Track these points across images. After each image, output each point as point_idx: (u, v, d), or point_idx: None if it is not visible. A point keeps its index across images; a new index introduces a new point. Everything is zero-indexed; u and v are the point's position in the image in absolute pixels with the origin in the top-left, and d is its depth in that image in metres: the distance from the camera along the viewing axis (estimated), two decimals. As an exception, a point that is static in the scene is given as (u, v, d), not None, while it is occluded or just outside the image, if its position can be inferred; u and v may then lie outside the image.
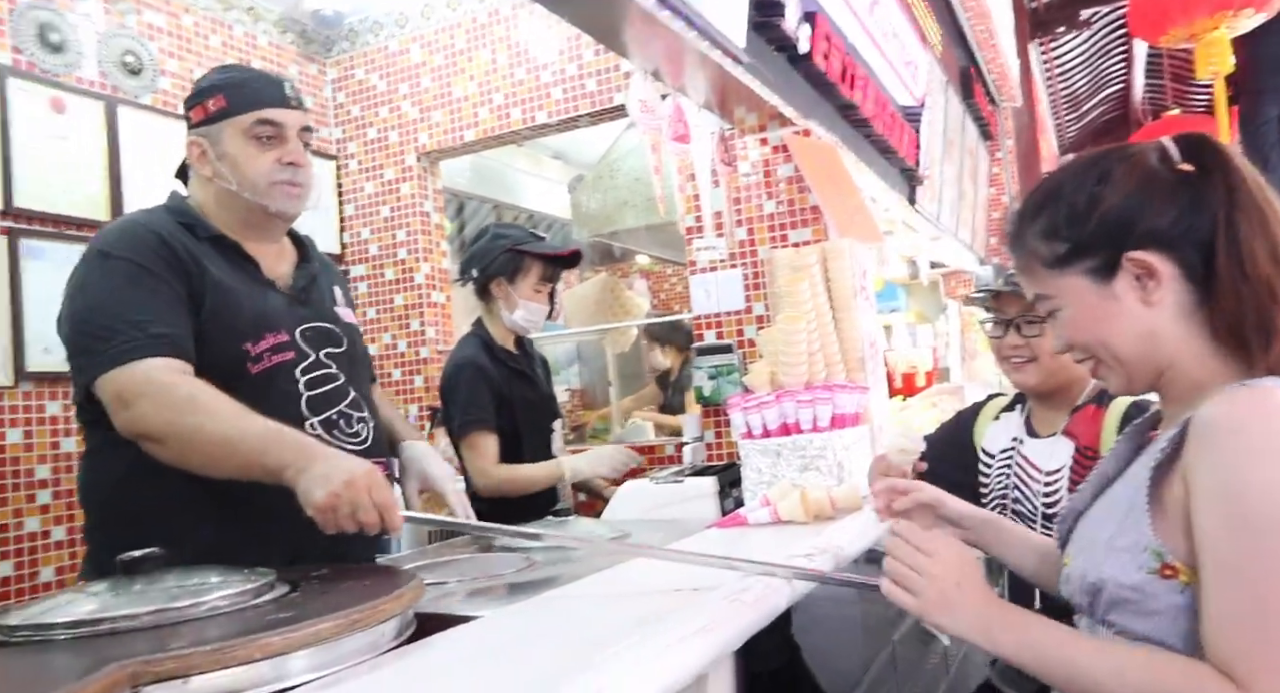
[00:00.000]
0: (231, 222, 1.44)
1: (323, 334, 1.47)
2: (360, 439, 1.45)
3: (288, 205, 1.45)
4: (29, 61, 2.60)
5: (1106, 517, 0.93)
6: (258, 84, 1.44)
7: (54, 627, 0.88)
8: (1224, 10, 4.90)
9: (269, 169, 1.41)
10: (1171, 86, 8.80)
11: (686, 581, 1.18)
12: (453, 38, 3.41)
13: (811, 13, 2.40)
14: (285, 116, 1.44)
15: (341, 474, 1.14)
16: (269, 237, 1.49)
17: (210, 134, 1.42)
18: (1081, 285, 0.93)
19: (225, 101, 1.41)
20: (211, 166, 1.42)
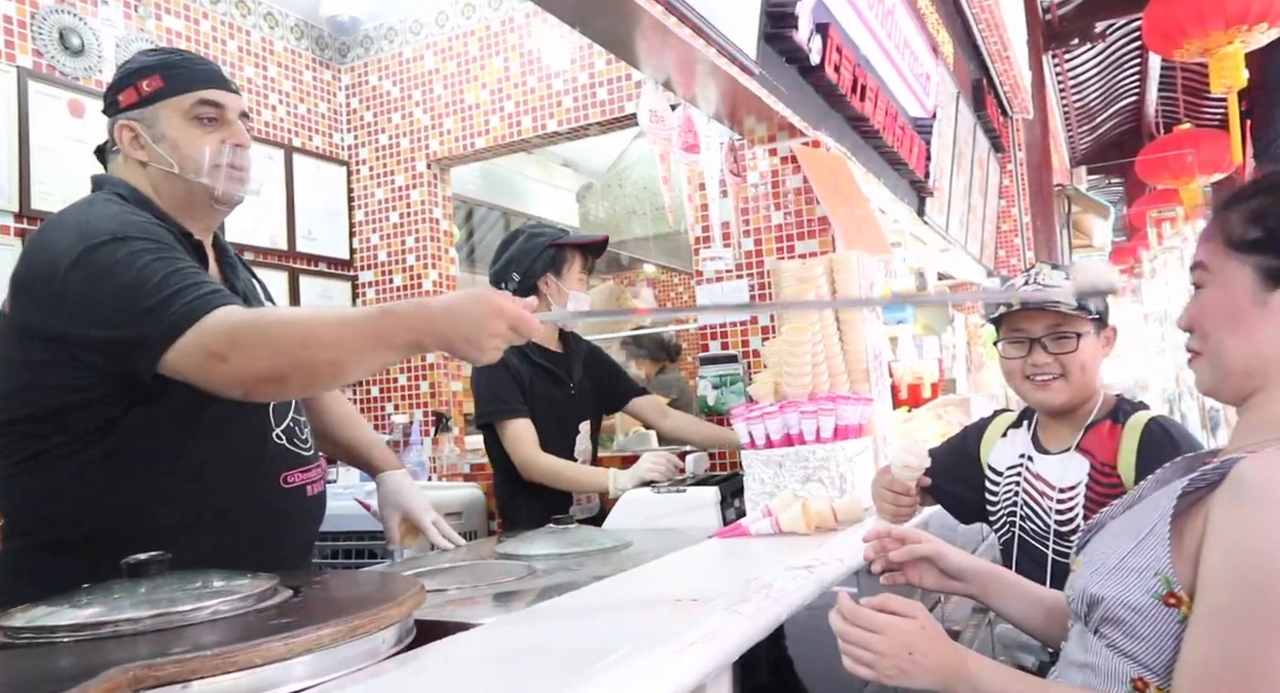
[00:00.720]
0: (171, 206, 1.35)
1: None
2: (308, 446, 1.45)
3: (234, 188, 1.37)
4: (49, 65, 2.63)
5: (1125, 533, 0.93)
6: (194, 64, 1.39)
7: (56, 630, 0.88)
8: (1238, 25, 4.90)
9: (213, 150, 1.34)
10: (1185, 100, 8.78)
11: (686, 591, 1.18)
12: (466, 45, 3.44)
13: (824, 24, 2.41)
14: (226, 98, 1.38)
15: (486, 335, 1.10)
16: (208, 225, 1.41)
17: (145, 116, 1.34)
18: (1244, 277, 0.90)
19: (162, 82, 1.34)
20: (147, 150, 1.34)
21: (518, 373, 2.30)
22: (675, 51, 1.91)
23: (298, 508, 1.40)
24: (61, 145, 2.62)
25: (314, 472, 1.44)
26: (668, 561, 1.51)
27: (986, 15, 4.55)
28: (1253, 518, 0.79)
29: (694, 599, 1.13)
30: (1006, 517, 1.64)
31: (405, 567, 1.71)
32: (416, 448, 3.19)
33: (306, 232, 3.43)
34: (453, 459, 3.34)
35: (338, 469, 3.04)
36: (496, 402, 2.27)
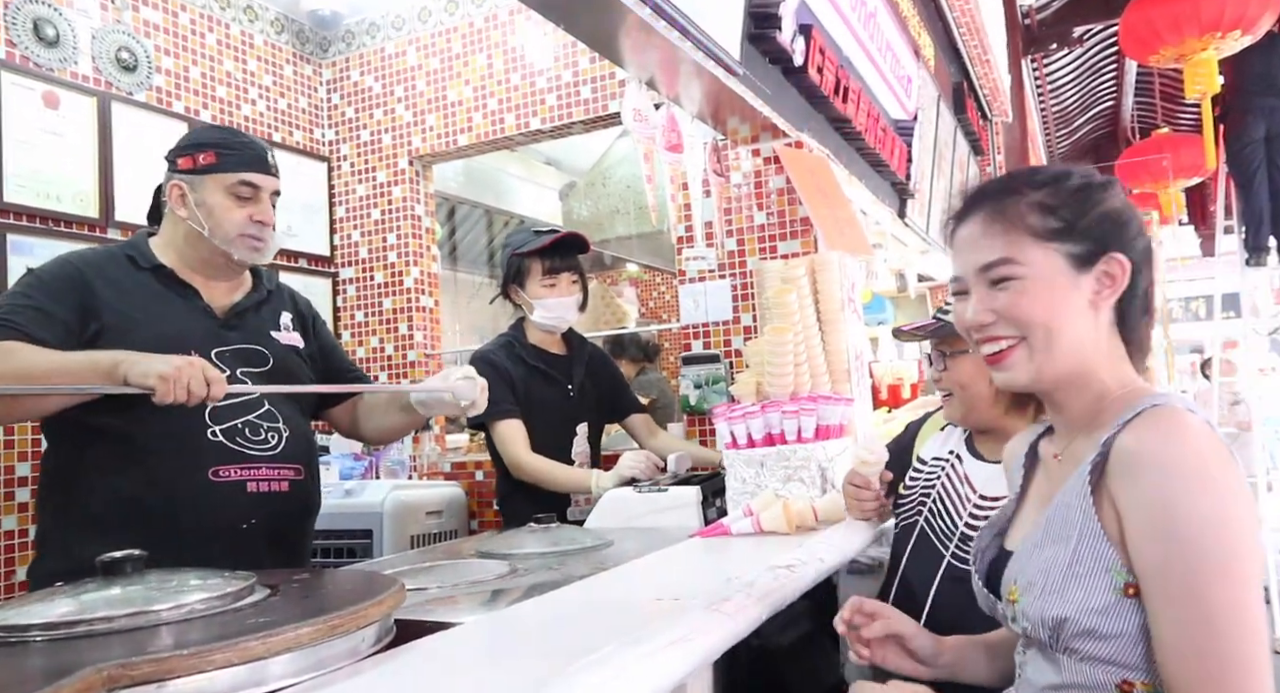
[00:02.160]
0: (192, 258, 1.64)
1: (243, 355, 1.63)
2: (269, 446, 1.60)
3: (249, 256, 1.64)
4: (23, 56, 2.59)
5: (1052, 543, 0.92)
6: (247, 149, 1.64)
7: (29, 629, 0.87)
8: (1212, 32, 4.97)
9: (240, 223, 1.61)
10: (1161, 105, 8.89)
11: (667, 590, 1.19)
12: (449, 42, 3.42)
13: (807, 26, 2.42)
14: (264, 181, 1.64)
15: (178, 359, 1.35)
16: (223, 276, 1.67)
17: (193, 182, 1.61)
18: (1057, 264, 0.95)
19: (215, 158, 1.60)
20: (188, 210, 1.61)
21: (509, 375, 2.31)
22: (659, 51, 1.91)
23: (229, 502, 1.54)
24: (35, 138, 2.58)
25: (264, 470, 1.59)
26: (649, 560, 1.51)
27: (967, 19, 4.59)
28: (1155, 484, 0.83)
29: (675, 598, 1.13)
30: (916, 505, 1.61)
31: (385, 566, 1.70)
32: (397, 447, 3.17)
33: (286, 228, 3.40)
34: (433, 458, 3.32)
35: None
36: (487, 403, 2.26)
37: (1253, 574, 0.80)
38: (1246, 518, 0.81)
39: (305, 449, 1.70)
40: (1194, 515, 0.81)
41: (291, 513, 1.66)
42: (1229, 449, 0.85)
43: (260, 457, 1.59)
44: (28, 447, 2.52)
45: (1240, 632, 0.79)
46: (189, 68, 3.12)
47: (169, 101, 3.02)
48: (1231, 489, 0.82)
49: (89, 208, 2.70)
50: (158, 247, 1.65)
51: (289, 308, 1.80)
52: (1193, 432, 0.84)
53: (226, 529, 1.53)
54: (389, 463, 3.06)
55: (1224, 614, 0.79)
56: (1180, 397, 0.91)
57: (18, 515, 2.49)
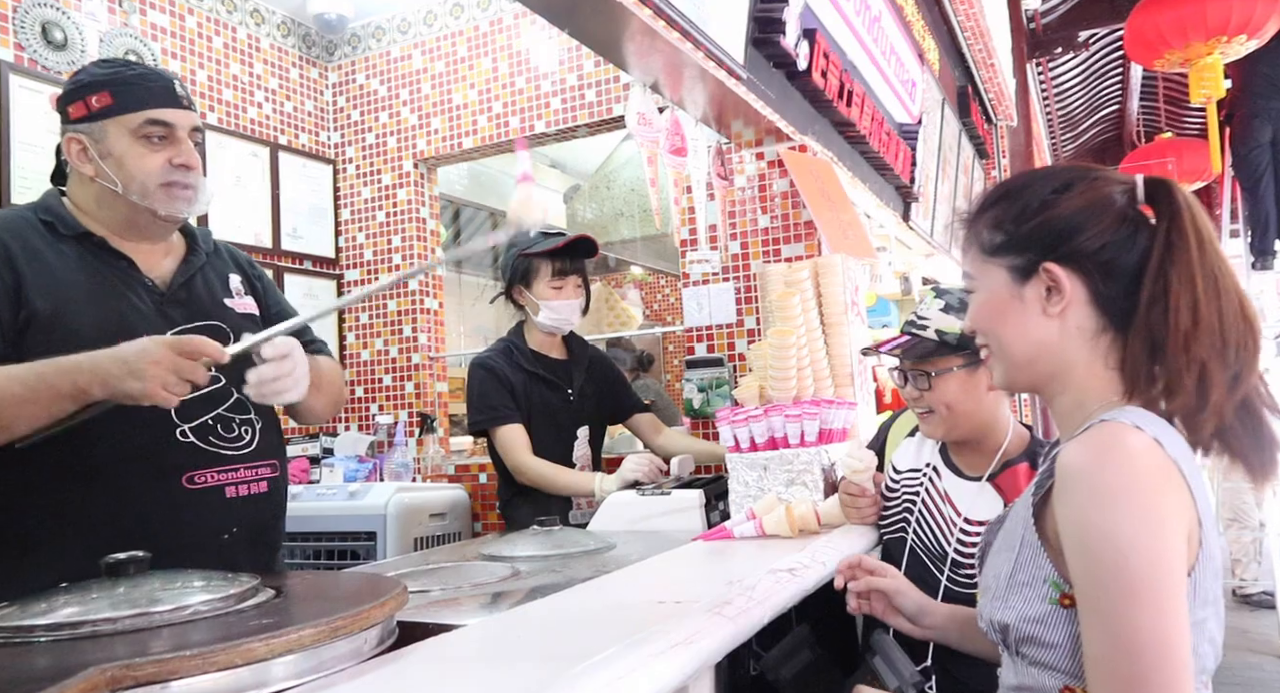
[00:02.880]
0: (112, 222, 1.37)
1: (199, 335, 1.32)
2: (242, 443, 1.40)
3: (177, 208, 1.37)
4: (31, 59, 2.61)
5: (1003, 550, 0.96)
6: (146, 81, 1.37)
7: (34, 629, 0.87)
8: (1218, 36, 4.96)
9: (159, 171, 1.34)
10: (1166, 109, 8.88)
11: (669, 593, 1.19)
12: (454, 45, 3.43)
13: (811, 30, 2.42)
14: (176, 116, 1.37)
15: (143, 364, 1.13)
16: (153, 237, 1.42)
17: (93, 132, 1.34)
18: (1000, 278, 0.98)
19: (111, 99, 1.33)
20: (93, 165, 1.34)
21: (508, 380, 2.31)
22: (663, 55, 1.91)
23: (207, 509, 1.34)
24: (42, 140, 2.60)
25: (242, 471, 1.39)
26: (651, 563, 1.51)
27: (972, 23, 4.59)
28: (1081, 503, 0.83)
29: (677, 601, 1.13)
30: (900, 518, 1.63)
31: (388, 568, 1.70)
32: (401, 449, 3.18)
33: (292, 230, 3.42)
34: (437, 460, 3.33)
35: (320, 469, 3.03)
36: (487, 409, 2.28)
37: (1169, 600, 0.79)
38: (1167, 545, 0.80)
39: (277, 441, 1.51)
40: (1110, 537, 0.80)
41: (271, 515, 1.47)
42: (1175, 471, 0.83)
43: (236, 456, 1.38)
44: None
45: (1151, 657, 0.79)
46: (196, 71, 3.13)
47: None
48: (1156, 514, 0.81)
49: (95, 210, 2.71)
50: (73, 210, 1.38)
51: (234, 269, 1.54)
52: (1128, 451, 0.83)
53: (206, 541, 1.33)
54: (393, 465, 3.07)
55: (1133, 637, 0.79)
56: (1136, 412, 0.88)
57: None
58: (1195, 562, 0.84)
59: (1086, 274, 0.93)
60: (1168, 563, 0.80)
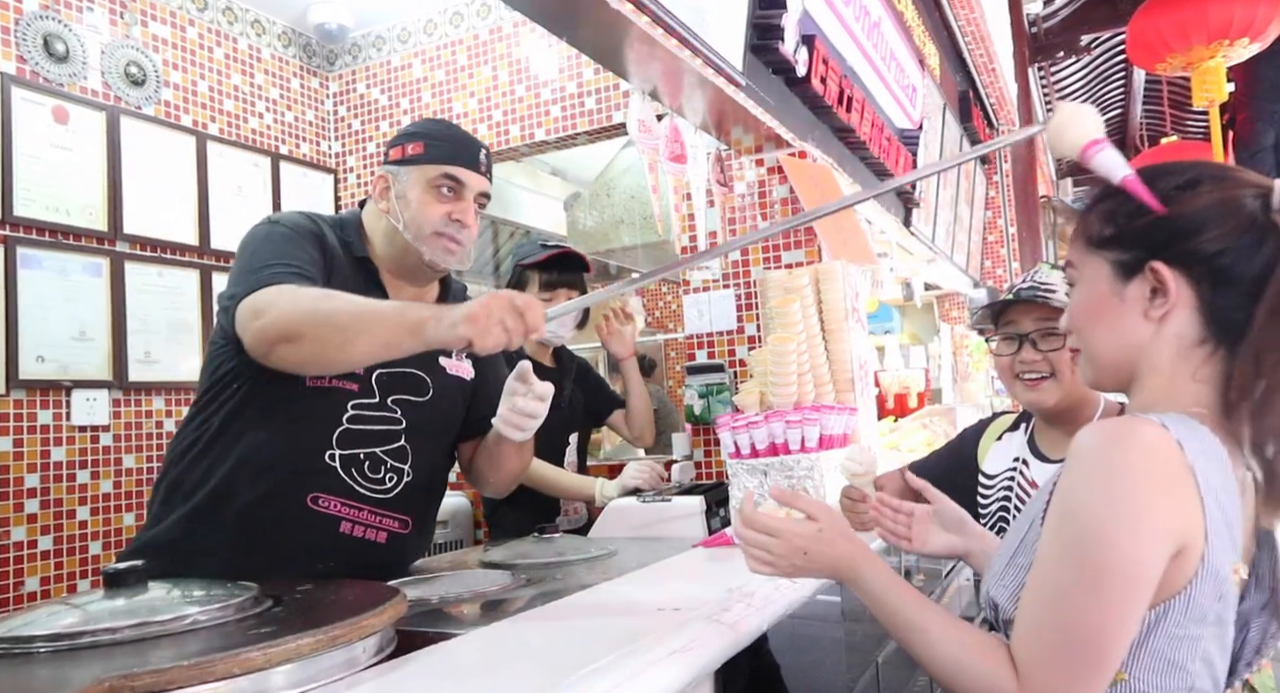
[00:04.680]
0: (385, 256, 1.50)
1: (401, 379, 1.46)
2: (382, 489, 1.44)
3: (442, 258, 1.48)
4: (33, 71, 2.62)
5: (1015, 531, 0.96)
6: (457, 143, 1.51)
7: (34, 640, 0.87)
8: (1220, 39, 4.96)
9: (437, 220, 1.46)
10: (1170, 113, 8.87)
11: (669, 600, 1.19)
12: (454, 54, 3.44)
13: (810, 36, 2.43)
14: (469, 178, 1.49)
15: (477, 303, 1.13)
16: (414, 280, 1.54)
17: (398, 173, 1.49)
18: (1103, 272, 0.92)
19: (423, 149, 1.48)
20: (389, 202, 1.49)
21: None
22: (662, 62, 1.92)
23: (317, 534, 1.38)
24: (45, 152, 2.61)
25: (366, 514, 1.42)
26: (652, 570, 1.51)
27: (973, 28, 4.60)
28: (1074, 480, 0.82)
29: (676, 608, 1.13)
30: (998, 519, 1.63)
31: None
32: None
33: (293, 239, 3.43)
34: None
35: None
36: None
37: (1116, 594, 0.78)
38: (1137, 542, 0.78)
39: (424, 499, 1.53)
40: (1083, 515, 0.80)
41: (380, 565, 1.45)
42: (1188, 476, 0.79)
43: (368, 498, 1.42)
44: (36, 457, 2.54)
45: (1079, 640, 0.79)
46: (197, 82, 3.15)
47: (177, 116, 3.05)
48: (1137, 507, 0.78)
49: (98, 221, 2.73)
50: (363, 238, 1.53)
51: None
52: (1136, 442, 0.80)
53: (304, 561, 1.36)
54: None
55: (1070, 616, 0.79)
56: (1175, 416, 0.84)
57: (26, 527, 2.50)
58: (1192, 578, 0.81)
59: (1197, 279, 0.86)
60: (1138, 565, 0.78)
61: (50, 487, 2.56)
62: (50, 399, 2.57)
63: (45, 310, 2.56)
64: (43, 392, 2.55)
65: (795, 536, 1.03)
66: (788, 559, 1.04)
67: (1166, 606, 0.81)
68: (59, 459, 2.58)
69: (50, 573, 2.55)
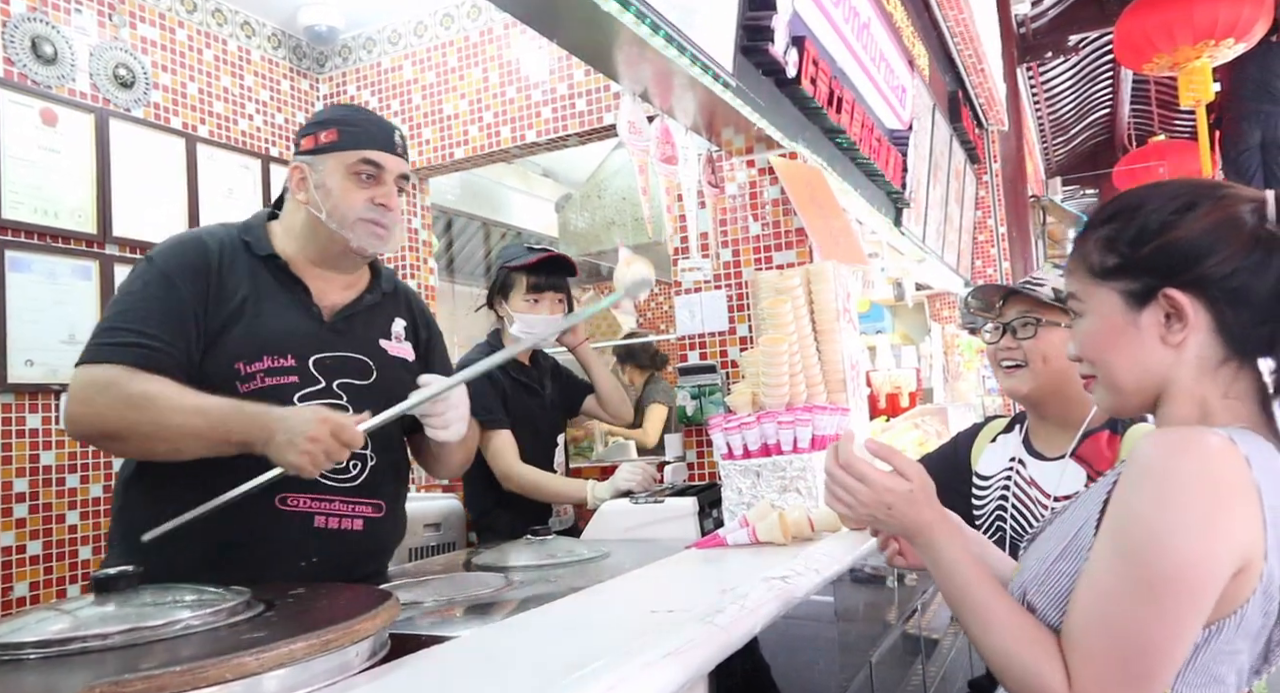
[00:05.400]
0: (309, 248, 1.50)
1: (343, 364, 1.47)
2: (348, 477, 1.44)
3: (369, 243, 1.49)
4: (21, 73, 2.61)
5: (1055, 537, 0.95)
6: (370, 126, 1.50)
7: (23, 646, 0.87)
8: (1206, 40, 5.00)
9: (360, 206, 1.46)
10: (1157, 112, 8.93)
11: (662, 602, 1.19)
12: (445, 56, 3.44)
13: (800, 37, 2.43)
14: (388, 160, 1.49)
15: (303, 440, 1.22)
16: (341, 267, 1.53)
17: (314, 163, 1.48)
18: (1113, 303, 0.92)
19: (337, 136, 1.47)
20: (307, 193, 1.48)
21: (500, 384, 2.30)
22: (652, 64, 1.92)
23: (293, 533, 1.39)
24: (33, 154, 2.60)
25: (338, 505, 1.43)
26: (645, 572, 1.51)
27: (961, 29, 4.61)
28: (1137, 488, 0.82)
29: (669, 611, 1.13)
30: (995, 521, 1.64)
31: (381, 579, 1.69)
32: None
33: (284, 241, 3.42)
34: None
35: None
36: (481, 412, 2.19)
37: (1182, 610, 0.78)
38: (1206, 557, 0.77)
39: (392, 482, 1.54)
40: (1150, 530, 0.79)
41: (363, 553, 1.49)
42: (1253, 491, 0.79)
43: (336, 488, 1.43)
44: (25, 462, 2.52)
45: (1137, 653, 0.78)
46: (186, 84, 3.14)
47: (166, 118, 3.03)
48: (1206, 522, 0.77)
49: (87, 224, 2.71)
50: (275, 234, 1.52)
51: (404, 314, 1.63)
52: (1204, 453, 0.80)
53: (285, 562, 1.38)
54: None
55: (1129, 627, 0.79)
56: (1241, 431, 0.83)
57: (15, 532, 2.49)
58: (1250, 595, 0.80)
59: (1212, 301, 0.87)
60: (1200, 578, 0.77)
61: (39, 491, 2.54)
62: (39, 403, 2.55)
63: (34, 314, 2.55)
64: (31, 395, 2.53)
65: (885, 490, 1.03)
66: (869, 509, 1.04)
67: (1221, 624, 0.81)
68: (48, 463, 2.56)
69: (40, 578, 2.53)
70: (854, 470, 1.06)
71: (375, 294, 1.57)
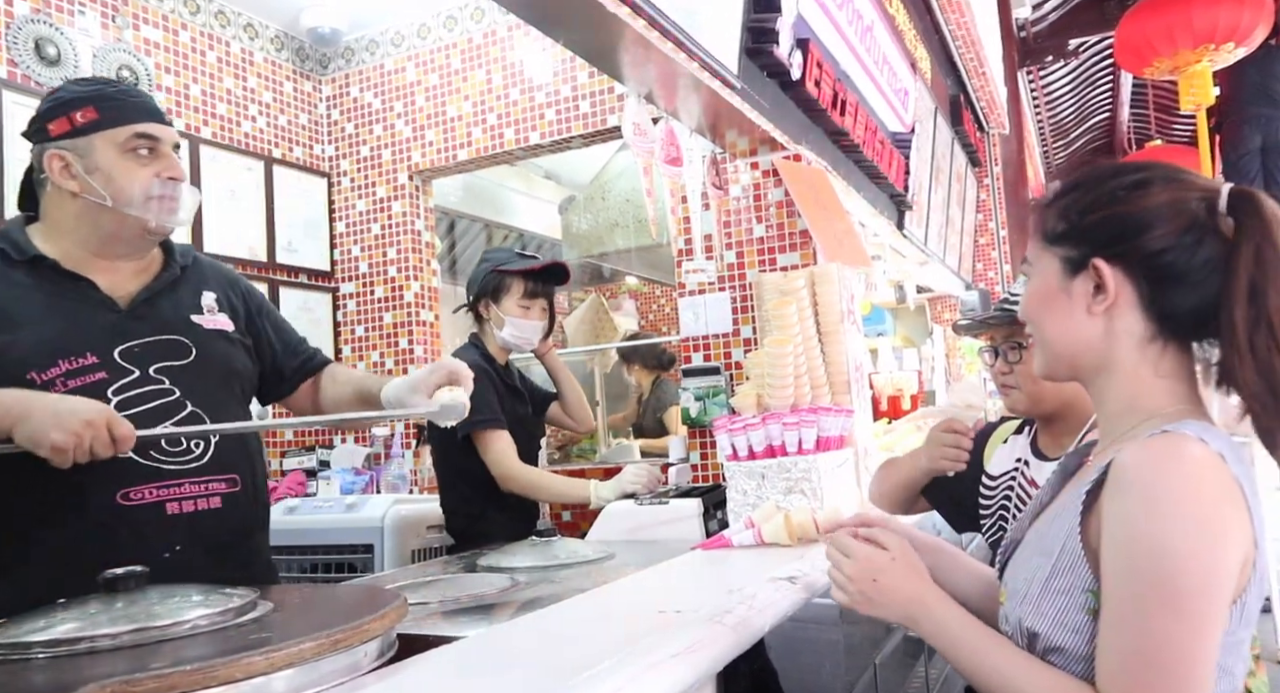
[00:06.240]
0: (92, 239, 1.38)
1: (155, 348, 1.38)
2: (191, 457, 1.36)
3: (166, 219, 1.39)
4: (24, 75, 2.61)
5: (1038, 552, 0.93)
6: (130, 98, 1.39)
7: (32, 646, 0.87)
8: (1206, 44, 5.00)
9: (148, 183, 1.36)
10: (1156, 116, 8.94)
11: (669, 603, 1.18)
12: (448, 57, 3.44)
13: (804, 40, 2.44)
14: (162, 131, 1.39)
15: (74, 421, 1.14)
16: (136, 252, 1.43)
17: (77, 147, 1.34)
18: (1053, 267, 0.95)
19: (96, 114, 1.35)
20: (79, 181, 1.34)
21: (498, 386, 2.28)
22: (657, 66, 1.92)
23: (144, 526, 1.30)
24: (37, 155, 2.59)
25: (188, 486, 1.35)
26: (650, 572, 1.51)
27: (963, 32, 4.62)
28: (1133, 508, 0.81)
29: (677, 611, 1.13)
30: (998, 520, 1.65)
31: (386, 581, 1.69)
32: (398, 460, 3.17)
33: (287, 243, 3.42)
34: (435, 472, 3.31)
35: (317, 482, 3.01)
36: (486, 410, 2.19)
37: (1208, 620, 0.78)
38: (1219, 564, 0.78)
39: (241, 454, 1.45)
40: (1160, 549, 0.78)
41: (230, 531, 1.40)
42: (1237, 490, 0.81)
43: (181, 471, 1.34)
44: (28, 463, 2.51)
45: (1176, 672, 0.77)
46: (189, 85, 3.14)
47: (169, 120, 3.03)
48: (1213, 531, 0.78)
49: (90, 224, 2.71)
50: (40, 234, 1.38)
51: (210, 286, 1.52)
52: (1192, 463, 0.80)
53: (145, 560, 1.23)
54: (390, 477, 3.06)
55: (1163, 649, 0.77)
56: (1199, 425, 0.84)
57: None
58: (1247, 586, 0.81)
59: (1138, 276, 0.89)
60: (1216, 584, 0.78)
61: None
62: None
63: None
64: (34, 397, 2.53)
65: (869, 559, 1.03)
66: (858, 586, 1.03)
67: (1228, 617, 0.81)
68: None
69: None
70: (838, 543, 1.06)
71: (173, 270, 1.47)
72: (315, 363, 1.66)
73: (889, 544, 1.05)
